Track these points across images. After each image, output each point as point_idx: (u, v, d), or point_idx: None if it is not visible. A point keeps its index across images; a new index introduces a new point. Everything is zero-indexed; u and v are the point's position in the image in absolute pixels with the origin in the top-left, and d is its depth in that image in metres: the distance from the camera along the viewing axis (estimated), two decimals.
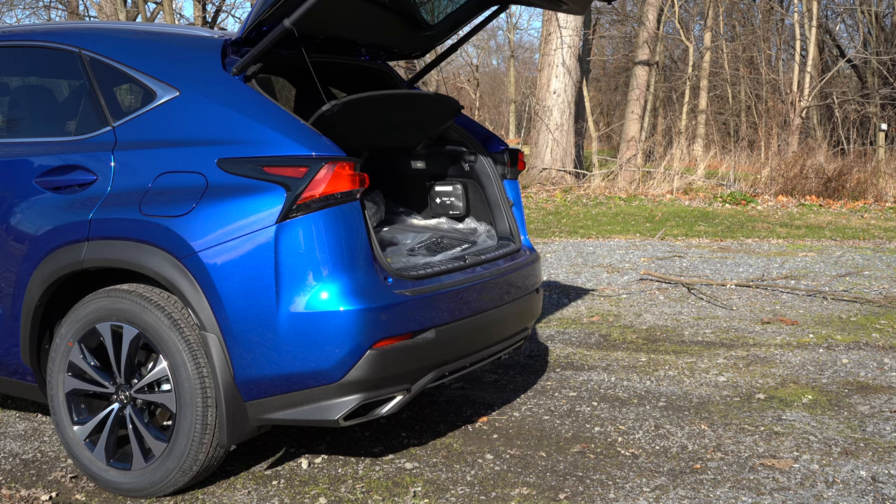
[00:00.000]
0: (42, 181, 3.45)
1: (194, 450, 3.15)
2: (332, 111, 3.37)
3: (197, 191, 3.14)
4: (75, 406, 3.39)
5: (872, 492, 3.31)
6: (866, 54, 24.25)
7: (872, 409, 4.25)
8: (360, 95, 3.54)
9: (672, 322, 6.10)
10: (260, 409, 3.17)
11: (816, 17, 22.20)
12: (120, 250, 3.24)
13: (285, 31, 3.17)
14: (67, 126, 3.67)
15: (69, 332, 3.35)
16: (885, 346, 5.40)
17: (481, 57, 41.17)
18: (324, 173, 3.06)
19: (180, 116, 3.29)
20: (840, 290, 7.12)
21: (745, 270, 8.08)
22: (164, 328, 3.15)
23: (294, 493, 3.34)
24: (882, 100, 23.45)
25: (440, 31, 4.17)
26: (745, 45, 26.45)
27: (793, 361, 5.09)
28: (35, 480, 3.48)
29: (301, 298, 3.05)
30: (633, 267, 8.31)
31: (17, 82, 4.15)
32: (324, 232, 3.06)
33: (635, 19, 21.84)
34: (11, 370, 3.60)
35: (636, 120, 18.47)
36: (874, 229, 11.45)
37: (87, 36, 3.65)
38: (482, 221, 4.29)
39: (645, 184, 15.88)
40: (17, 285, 3.46)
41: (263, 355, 3.08)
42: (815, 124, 24.17)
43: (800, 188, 15.01)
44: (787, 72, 24.84)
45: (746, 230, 11.24)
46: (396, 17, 3.90)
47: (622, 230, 11.14)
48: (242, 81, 3.31)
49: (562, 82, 15.83)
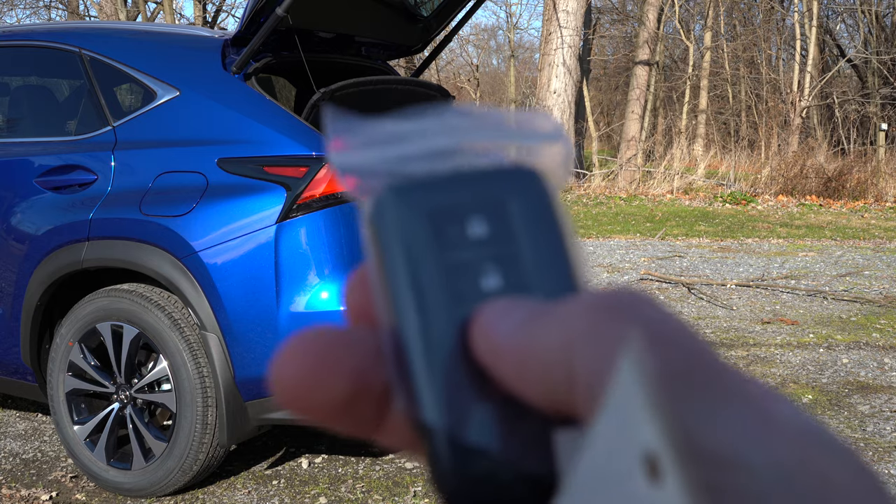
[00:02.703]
0: (42, 181, 3.46)
1: (194, 449, 3.15)
2: (322, 100, 3.38)
3: (197, 190, 3.14)
4: (75, 406, 3.39)
5: None
6: (867, 54, 24.26)
7: (872, 409, 4.25)
8: (349, 81, 3.55)
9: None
10: (260, 409, 3.17)
11: (817, 16, 22.20)
12: (120, 250, 3.25)
13: (279, 20, 3.18)
14: (67, 126, 3.67)
15: (69, 331, 3.36)
16: (885, 346, 5.40)
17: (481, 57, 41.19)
18: (324, 173, 3.06)
19: (180, 116, 3.29)
20: (840, 289, 7.12)
21: (746, 270, 8.08)
22: (165, 328, 3.16)
23: (294, 493, 3.34)
24: (882, 99, 23.46)
25: (434, 21, 4.18)
26: (746, 44, 26.46)
27: (793, 361, 5.09)
28: (35, 480, 3.48)
29: (301, 298, 3.05)
30: (633, 267, 8.31)
31: (18, 82, 4.15)
32: (324, 231, 3.07)
33: (635, 19, 21.85)
34: (12, 370, 3.60)
35: (636, 120, 18.48)
36: (874, 229, 11.45)
37: (87, 36, 3.65)
38: None
39: (645, 184, 15.88)
40: (17, 285, 3.46)
41: (264, 355, 3.08)
42: (816, 124, 24.17)
43: (800, 188, 15.02)
44: (788, 71, 24.85)
45: (747, 230, 11.24)
46: (389, 8, 3.92)
47: (622, 230, 11.14)
48: (242, 81, 3.31)
49: (562, 82, 15.84)
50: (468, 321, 0.28)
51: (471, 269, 0.29)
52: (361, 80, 3.65)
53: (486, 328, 0.27)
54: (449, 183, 0.30)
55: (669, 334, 0.25)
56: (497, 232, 0.30)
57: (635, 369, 0.22)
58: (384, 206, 0.30)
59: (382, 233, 0.30)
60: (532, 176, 0.31)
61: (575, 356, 0.25)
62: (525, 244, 0.30)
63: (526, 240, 0.30)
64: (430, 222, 0.29)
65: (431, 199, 0.30)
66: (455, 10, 4.20)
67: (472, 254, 0.29)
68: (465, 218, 0.30)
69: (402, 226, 0.29)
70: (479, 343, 0.27)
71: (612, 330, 0.25)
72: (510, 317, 0.27)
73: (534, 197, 0.30)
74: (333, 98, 3.44)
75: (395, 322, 0.29)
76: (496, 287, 0.29)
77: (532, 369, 0.26)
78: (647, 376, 0.22)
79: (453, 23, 4.29)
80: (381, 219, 0.30)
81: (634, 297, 0.26)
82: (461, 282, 0.29)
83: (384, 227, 0.30)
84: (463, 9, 4.20)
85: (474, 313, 0.28)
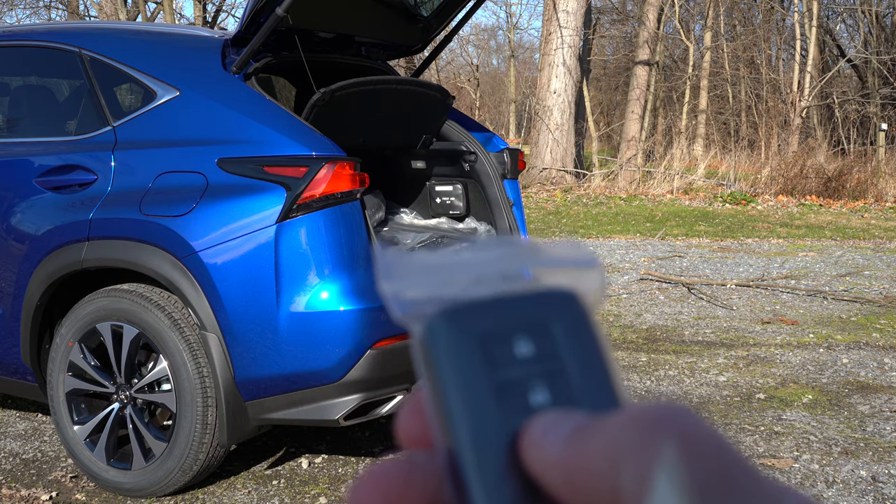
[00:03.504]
0: (42, 181, 3.45)
1: (194, 449, 3.15)
2: (322, 100, 3.38)
3: (197, 190, 3.14)
4: (75, 406, 3.39)
5: (872, 492, 3.31)
6: (866, 54, 24.25)
7: (872, 409, 4.25)
8: (349, 81, 3.54)
9: (672, 322, 6.10)
10: (260, 409, 3.17)
11: (817, 16, 22.20)
12: (120, 250, 3.24)
13: (279, 20, 3.18)
14: (68, 126, 3.67)
15: (69, 331, 3.35)
16: (885, 346, 5.40)
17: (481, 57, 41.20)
18: (324, 173, 3.06)
19: (180, 116, 3.29)
20: (840, 289, 7.12)
21: (746, 270, 8.08)
22: (165, 328, 3.15)
23: (294, 493, 3.34)
24: (882, 100, 23.45)
25: (434, 21, 4.17)
26: (746, 44, 26.45)
27: (793, 361, 5.09)
28: (35, 480, 3.48)
29: (301, 298, 3.05)
30: (633, 267, 8.31)
31: (18, 82, 4.15)
32: (324, 231, 3.07)
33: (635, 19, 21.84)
34: (12, 370, 3.60)
35: (636, 120, 18.47)
36: (874, 229, 11.45)
37: (87, 36, 3.65)
38: (482, 221, 4.29)
39: (645, 184, 15.88)
40: (17, 285, 3.46)
41: (263, 355, 3.08)
42: (816, 124, 24.17)
43: (800, 188, 15.01)
44: (788, 71, 24.84)
45: (746, 230, 11.24)
46: (389, 8, 3.92)
47: (622, 230, 11.14)
48: (243, 81, 3.31)
49: (562, 82, 15.83)
50: (519, 435, 0.30)
51: (519, 386, 0.31)
52: (361, 80, 3.65)
53: (536, 441, 0.29)
54: (495, 307, 0.32)
55: (705, 447, 0.27)
56: (542, 351, 0.32)
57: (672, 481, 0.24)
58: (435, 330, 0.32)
59: (435, 356, 0.32)
60: (571, 298, 0.33)
61: (618, 468, 0.27)
62: (569, 361, 0.32)
63: (569, 357, 0.32)
64: (480, 344, 0.32)
65: (480, 323, 0.32)
66: (455, 10, 4.20)
67: (519, 372, 0.32)
68: (511, 339, 0.32)
69: (454, 349, 0.32)
70: (530, 455, 0.29)
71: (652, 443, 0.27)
72: (558, 430, 0.29)
73: (574, 317, 0.33)
74: (333, 98, 3.44)
75: (450, 440, 0.31)
76: (544, 402, 0.31)
77: (579, 480, 0.28)
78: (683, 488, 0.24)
79: (453, 23, 4.29)
80: (433, 343, 0.32)
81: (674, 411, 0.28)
82: (511, 398, 0.31)
83: (436, 350, 0.32)
84: (463, 9, 4.20)
85: (524, 427, 0.30)
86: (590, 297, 0.34)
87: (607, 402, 0.31)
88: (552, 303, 0.33)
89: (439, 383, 0.32)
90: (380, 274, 0.33)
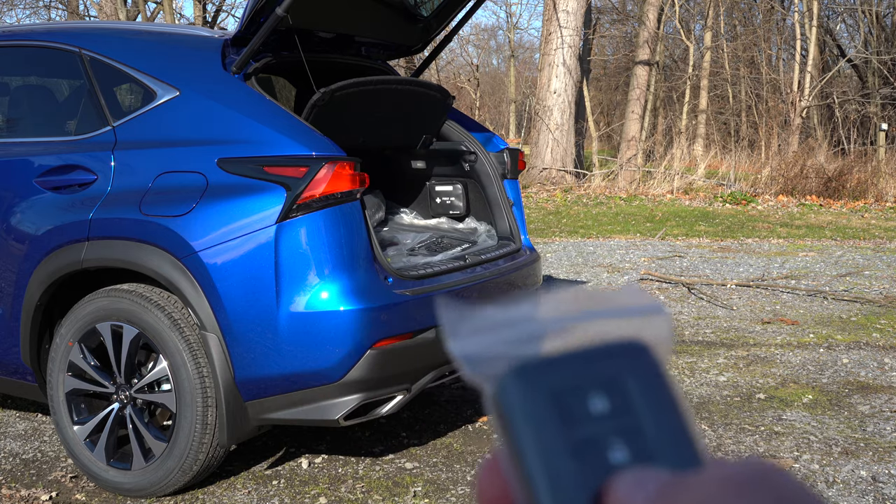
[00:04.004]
0: (42, 181, 3.45)
1: (194, 450, 3.15)
2: (322, 100, 3.38)
3: (197, 190, 3.14)
4: (75, 406, 3.39)
5: (873, 492, 3.31)
6: (867, 54, 24.25)
7: (873, 409, 4.25)
8: (349, 81, 3.55)
9: (672, 322, 6.09)
10: (260, 409, 3.17)
11: (817, 16, 22.20)
12: (120, 250, 3.24)
13: (279, 20, 3.18)
14: (67, 126, 3.67)
15: (69, 331, 3.35)
16: (885, 346, 5.40)
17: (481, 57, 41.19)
18: (324, 173, 3.06)
19: (180, 116, 3.29)
20: (840, 289, 7.12)
21: (746, 270, 8.08)
22: (164, 328, 3.15)
23: (294, 493, 3.33)
24: (882, 99, 23.45)
25: (434, 21, 4.18)
26: (746, 44, 26.45)
27: (793, 361, 5.09)
28: (35, 480, 3.48)
29: (301, 298, 3.05)
30: (633, 267, 8.31)
31: (18, 82, 4.15)
32: (324, 232, 3.07)
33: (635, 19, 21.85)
34: (11, 370, 3.60)
35: (636, 120, 18.47)
36: (874, 229, 11.45)
37: (87, 36, 3.65)
38: (482, 221, 4.29)
39: (645, 184, 15.87)
40: (17, 285, 3.46)
41: (263, 355, 3.08)
42: (816, 124, 24.17)
43: (800, 188, 15.01)
44: (788, 71, 24.84)
45: (747, 230, 11.24)
46: (389, 8, 3.92)
47: (622, 230, 11.14)
48: (242, 81, 3.31)
49: (562, 82, 15.82)
50: (601, 493, 0.30)
51: (597, 444, 0.31)
52: (361, 80, 3.65)
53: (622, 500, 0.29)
54: (565, 362, 0.32)
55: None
56: (617, 406, 0.31)
57: None
58: (508, 388, 0.32)
59: (510, 415, 0.32)
60: (641, 350, 0.33)
61: None
62: (645, 416, 0.31)
63: (645, 412, 0.31)
64: (554, 402, 0.31)
65: (551, 379, 0.32)
66: (455, 10, 4.20)
67: (596, 428, 0.31)
68: (585, 394, 0.32)
69: (528, 407, 0.31)
70: None
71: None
72: (643, 489, 0.29)
73: (646, 370, 0.32)
74: (333, 98, 3.44)
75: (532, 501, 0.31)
76: (623, 459, 0.31)
77: None
78: None
79: (453, 23, 4.29)
80: (506, 401, 0.32)
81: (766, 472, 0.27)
82: (590, 456, 0.31)
83: (511, 409, 0.32)
84: (463, 9, 4.20)
85: (608, 485, 0.30)
86: (660, 346, 0.33)
87: (687, 458, 0.31)
88: (623, 355, 0.32)
89: (516, 443, 0.31)
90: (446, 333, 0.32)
